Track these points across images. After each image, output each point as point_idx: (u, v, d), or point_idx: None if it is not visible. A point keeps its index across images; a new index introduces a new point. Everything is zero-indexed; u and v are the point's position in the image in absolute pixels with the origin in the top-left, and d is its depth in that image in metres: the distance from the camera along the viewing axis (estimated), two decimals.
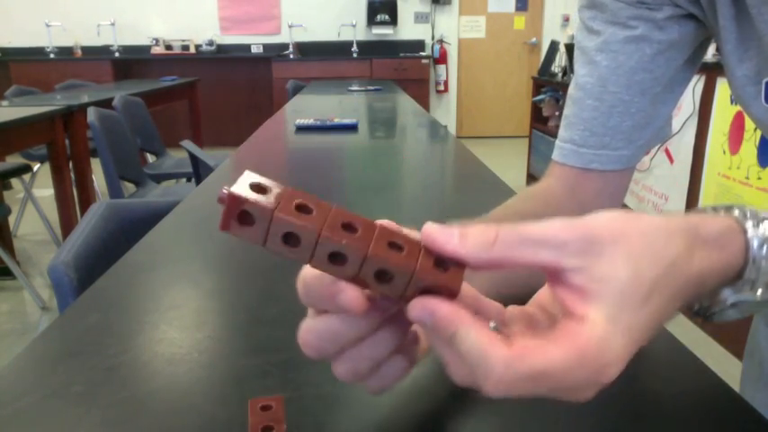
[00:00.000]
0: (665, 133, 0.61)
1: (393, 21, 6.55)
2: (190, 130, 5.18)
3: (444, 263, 0.29)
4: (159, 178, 2.92)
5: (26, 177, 3.43)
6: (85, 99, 3.33)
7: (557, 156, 0.61)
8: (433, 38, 6.74)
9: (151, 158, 3.66)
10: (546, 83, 4.40)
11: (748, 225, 0.32)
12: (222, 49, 6.67)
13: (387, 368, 0.33)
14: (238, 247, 0.77)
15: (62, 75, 5.49)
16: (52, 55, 6.45)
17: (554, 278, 0.29)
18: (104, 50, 6.61)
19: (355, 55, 6.57)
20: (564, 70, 4.13)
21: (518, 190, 0.72)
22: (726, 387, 0.44)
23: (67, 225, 2.96)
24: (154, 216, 0.96)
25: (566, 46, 4.10)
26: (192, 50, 6.54)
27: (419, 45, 6.76)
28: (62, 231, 3.04)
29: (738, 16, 0.49)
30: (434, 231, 0.29)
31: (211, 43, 6.56)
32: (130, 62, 6.58)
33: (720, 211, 0.34)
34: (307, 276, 0.31)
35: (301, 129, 1.85)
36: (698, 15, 0.53)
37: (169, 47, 6.53)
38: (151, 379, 0.47)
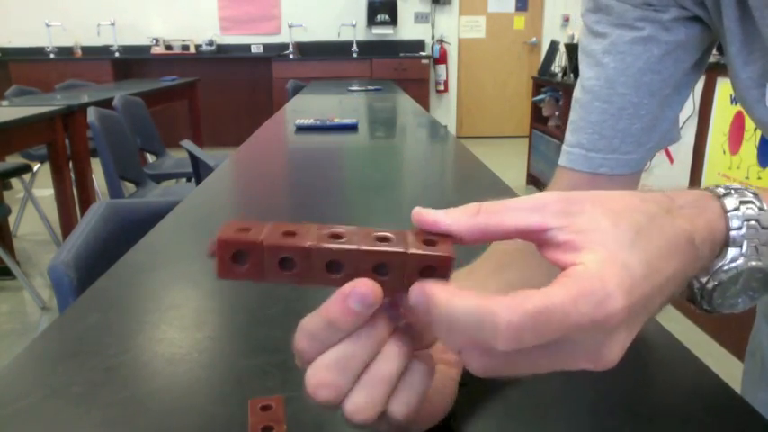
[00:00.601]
0: (672, 136, 0.60)
1: (393, 21, 6.55)
2: (190, 130, 5.17)
3: (433, 241, 0.30)
4: (159, 178, 2.92)
5: (26, 177, 3.44)
6: (85, 99, 3.33)
7: (564, 161, 0.60)
8: (433, 38, 6.74)
9: (151, 158, 3.66)
10: (546, 83, 4.40)
11: (719, 190, 0.34)
12: (222, 49, 6.67)
13: (406, 385, 0.31)
14: None
15: (62, 75, 5.49)
16: (52, 55, 6.45)
17: (542, 243, 0.30)
18: (104, 50, 6.61)
19: (355, 55, 6.57)
20: (564, 70, 4.13)
21: (518, 190, 0.72)
22: (726, 387, 0.44)
23: (67, 225, 2.96)
24: (154, 216, 0.96)
25: (566, 46, 4.10)
26: (192, 50, 6.54)
27: (419, 45, 6.76)
28: (62, 231, 3.04)
29: (743, 18, 0.49)
30: (422, 210, 0.31)
31: (211, 43, 6.56)
32: (130, 62, 6.58)
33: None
34: (304, 322, 0.30)
35: (301, 129, 1.86)
36: (703, 17, 0.52)
37: (169, 47, 6.53)
38: (151, 379, 0.47)
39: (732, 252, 0.33)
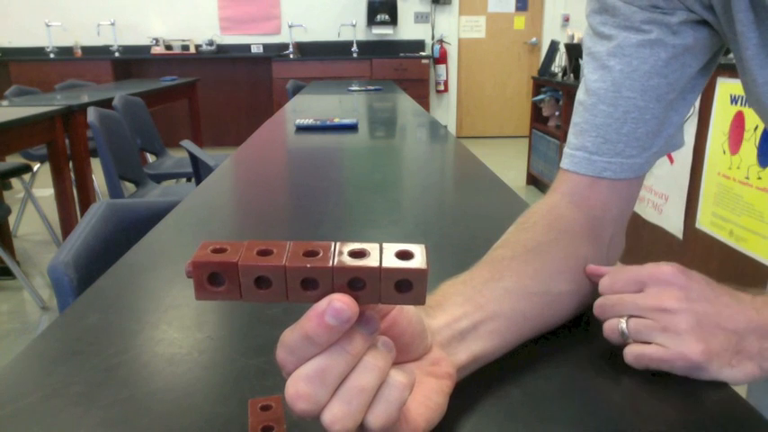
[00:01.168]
0: (676, 142, 0.60)
1: (393, 21, 6.55)
2: (190, 130, 5.18)
3: (409, 254, 0.30)
4: (159, 178, 2.92)
5: (26, 177, 3.44)
6: (85, 99, 3.33)
7: (566, 164, 0.59)
8: (433, 38, 6.74)
9: (151, 158, 3.66)
10: (546, 83, 4.40)
11: None
12: (222, 49, 6.67)
13: (383, 396, 0.31)
14: None
15: (62, 75, 5.49)
16: (52, 55, 6.45)
17: None
18: (104, 50, 6.61)
19: (355, 55, 6.57)
20: (564, 70, 4.13)
21: (518, 190, 0.72)
22: (731, 392, 0.44)
23: (67, 225, 2.96)
24: (154, 216, 0.96)
25: (566, 46, 4.10)
26: (192, 50, 6.54)
27: (419, 45, 6.76)
28: (62, 231, 3.04)
29: (758, 22, 0.48)
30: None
31: (211, 43, 6.56)
32: (130, 62, 6.58)
33: None
34: (284, 335, 0.31)
35: (301, 129, 1.85)
36: (711, 22, 0.52)
37: (169, 47, 6.53)
38: (151, 379, 0.47)
39: None
